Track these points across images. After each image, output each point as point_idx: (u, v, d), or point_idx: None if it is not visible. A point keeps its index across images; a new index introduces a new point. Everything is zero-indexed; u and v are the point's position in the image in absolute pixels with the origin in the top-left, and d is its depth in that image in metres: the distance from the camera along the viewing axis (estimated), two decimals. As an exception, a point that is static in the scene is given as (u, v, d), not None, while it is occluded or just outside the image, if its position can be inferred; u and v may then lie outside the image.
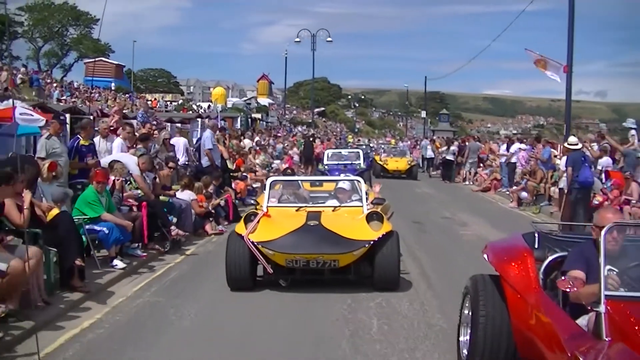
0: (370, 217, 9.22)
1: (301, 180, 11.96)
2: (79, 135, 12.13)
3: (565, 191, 15.65)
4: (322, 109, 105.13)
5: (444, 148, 32.70)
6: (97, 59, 71.16)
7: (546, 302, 4.75)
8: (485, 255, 5.90)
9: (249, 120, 52.20)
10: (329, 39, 52.59)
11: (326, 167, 25.84)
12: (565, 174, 15.80)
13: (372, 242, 8.80)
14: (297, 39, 51.78)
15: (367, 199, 9.98)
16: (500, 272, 5.42)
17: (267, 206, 9.74)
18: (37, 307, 7.32)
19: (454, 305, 6.69)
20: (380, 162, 32.96)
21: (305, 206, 9.96)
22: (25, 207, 7.32)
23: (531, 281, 5.02)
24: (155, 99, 61.40)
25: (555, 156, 21.13)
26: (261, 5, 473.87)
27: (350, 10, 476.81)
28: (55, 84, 48.51)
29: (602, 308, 4.03)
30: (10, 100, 14.85)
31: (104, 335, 7.11)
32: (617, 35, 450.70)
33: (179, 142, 17.30)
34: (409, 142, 54.42)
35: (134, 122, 17.60)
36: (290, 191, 10.71)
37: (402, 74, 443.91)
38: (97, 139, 12.72)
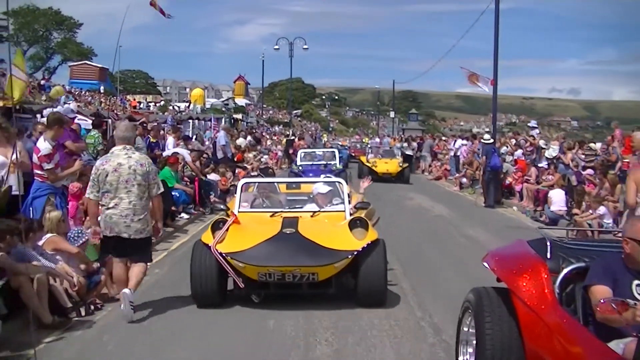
0: (353, 224, 7.68)
1: (277, 182, 10.36)
2: (149, 135, 15.94)
3: (481, 174, 19.70)
4: (300, 110, 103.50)
5: (404, 144, 35.67)
6: (81, 62, 70.14)
7: (569, 322, 3.94)
8: (486, 264, 5.01)
9: (232, 120, 51.28)
10: (305, 46, 53.45)
11: (300, 167, 22.64)
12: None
13: (355, 253, 7.28)
14: (276, 47, 52.59)
15: (349, 202, 8.42)
16: (509, 285, 4.55)
17: (238, 211, 8.17)
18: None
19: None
20: (367, 164, 27.08)
21: (281, 211, 8.37)
22: None
23: (547, 296, 4.19)
24: (135, 99, 59.79)
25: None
26: (234, 5, 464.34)
27: (324, 9, 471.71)
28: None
29: None
30: (68, 106, 17.48)
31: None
32: (589, 33, 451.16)
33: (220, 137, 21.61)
34: (377, 140, 53.31)
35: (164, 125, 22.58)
36: (264, 194, 9.09)
37: (375, 73, 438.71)
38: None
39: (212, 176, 17.29)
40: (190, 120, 31.81)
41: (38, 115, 16.10)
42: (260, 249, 7.27)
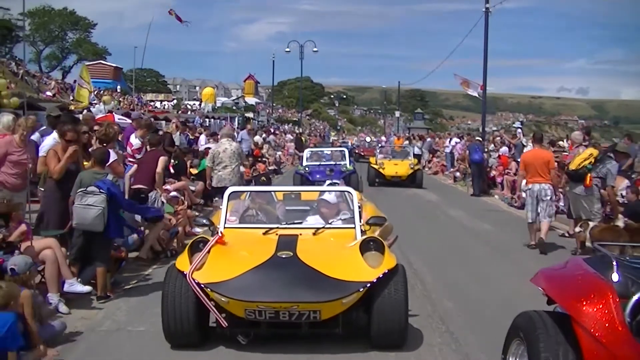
0: (365, 246, 5.83)
1: (274, 191, 8.45)
2: (187, 133, 18.21)
3: (468, 166, 21.83)
4: (310, 110, 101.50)
5: (406, 142, 35.75)
6: (96, 62, 69.26)
7: None
8: (539, 286, 4.22)
9: (244, 119, 50.29)
10: (315, 49, 53.97)
11: (307, 168, 19.80)
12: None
13: (368, 285, 5.45)
14: (287, 49, 52.85)
15: (360, 217, 6.52)
16: (569, 310, 3.72)
17: (224, 227, 6.34)
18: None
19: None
20: (375, 166, 23.26)
21: (277, 227, 6.46)
22: None
23: (616, 325, 3.38)
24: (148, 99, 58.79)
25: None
26: (242, 3, 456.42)
27: (332, 8, 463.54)
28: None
29: None
30: (104, 107, 19.34)
31: None
32: (599, 33, 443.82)
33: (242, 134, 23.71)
34: (384, 139, 51.77)
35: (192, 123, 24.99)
36: (258, 205, 7.20)
37: (384, 71, 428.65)
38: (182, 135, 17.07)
39: None
40: (207, 120, 33.42)
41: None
42: (248, 278, 5.45)
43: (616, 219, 10.49)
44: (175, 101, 64.91)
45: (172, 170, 12.95)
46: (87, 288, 6.97)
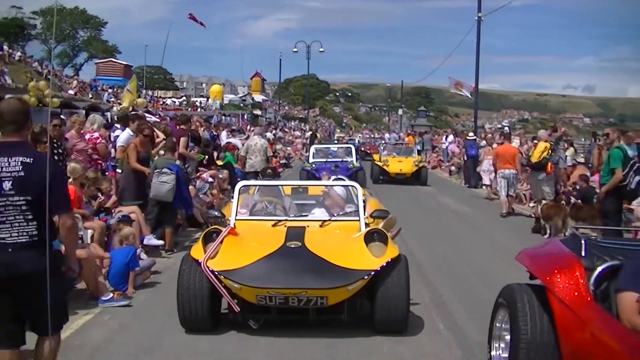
0: (370, 237, 6.10)
1: (281, 185, 8.73)
2: (212, 130, 19.57)
3: (463, 162, 23.49)
4: (317, 108, 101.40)
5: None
6: (107, 59, 69.57)
7: (605, 318, 3.79)
8: (521, 263, 4.81)
9: (253, 116, 50.77)
10: (321, 49, 54.90)
11: (313, 165, 19.91)
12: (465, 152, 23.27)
13: (372, 273, 5.72)
14: (295, 49, 54.23)
15: (365, 210, 6.80)
16: (544, 282, 4.33)
17: (236, 219, 6.61)
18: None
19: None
20: (379, 163, 22.95)
21: (285, 219, 6.77)
22: None
23: (583, 293, 4.01)
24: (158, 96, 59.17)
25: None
26: (249, 0, 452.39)
27: (338, 4, 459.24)
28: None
29: None
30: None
31: None
32: (606, 30, 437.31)
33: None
34: (387, 135, 52.08)
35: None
36: (267, 199, 7.49)
37: (389, 68, 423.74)
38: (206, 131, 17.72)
39: None
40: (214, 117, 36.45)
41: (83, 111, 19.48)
42: (259, 266, 5.73)
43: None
44: (184, 98, 65.10)
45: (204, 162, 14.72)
46: (160, 242, 9.22)
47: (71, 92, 37.61)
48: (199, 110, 47.98)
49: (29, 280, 3.85)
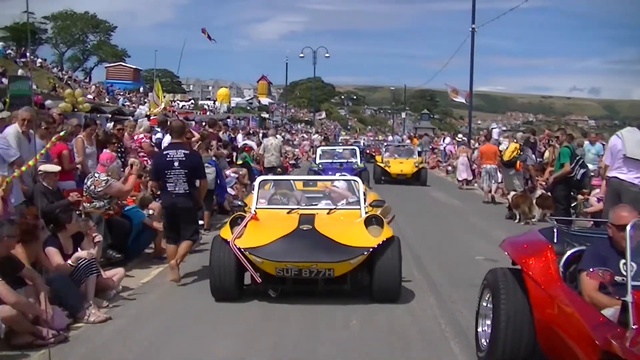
0: (369, 221, 7.33)
1: (293, 180, 10.02)
2: (229, 132, 21.21)
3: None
4: (324, 111, 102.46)
5: (407, 141, 40.50)
6: (117, 63, 70.47)
7: (569, 294, 4.44)
8: (504, 250, 5.47)
9: (260, 119, 51.89)
10: (327, 55, 57.55)
11: (320, 166, 20.92)
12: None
13: (371, 250, 6.95)
14: (301, 55, 56.71)
15: (365, 200, 8.06)
16: (521, 265, 5.00)
17: (256, 208, 7.86)
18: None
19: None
20: (381, 165, 24.04)
21: (298, 208, 8.04)
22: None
23: (552, 274, 4.69)
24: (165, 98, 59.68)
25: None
26: (253, 2, 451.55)
27: (344, 7, 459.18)
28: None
29: (629, 298, 3.77)
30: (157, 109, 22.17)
31: None
32: (612, 32, 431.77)
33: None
34: (391, 138, 53.23)
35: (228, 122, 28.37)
36: (281, 191, 8.78)
37: (395, 70, 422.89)
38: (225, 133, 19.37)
39: None
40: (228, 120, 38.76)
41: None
42: (277, 244, 6.97)
43: (535, 189, 14.57)
44: (192, 101, 66.23)
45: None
46: (201, 221, 10.70)
47: (90, 96, 38.69)
48: (207, 113, 48.97)
49: (182, 211, 8.01)
